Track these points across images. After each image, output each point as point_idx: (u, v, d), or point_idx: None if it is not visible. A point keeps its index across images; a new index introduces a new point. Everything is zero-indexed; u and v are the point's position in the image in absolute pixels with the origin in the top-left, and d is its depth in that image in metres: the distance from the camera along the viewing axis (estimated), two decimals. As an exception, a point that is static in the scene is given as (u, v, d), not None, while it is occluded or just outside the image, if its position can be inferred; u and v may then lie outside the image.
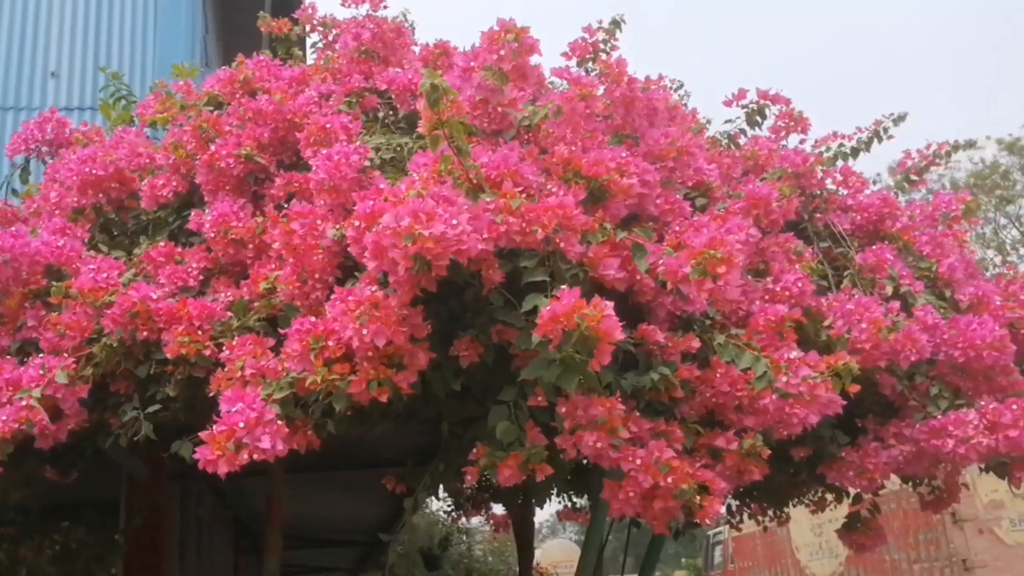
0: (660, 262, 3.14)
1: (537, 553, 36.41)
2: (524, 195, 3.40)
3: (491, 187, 3.32)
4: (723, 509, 8.39)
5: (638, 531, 7.76)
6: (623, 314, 3.60)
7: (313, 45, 5.47)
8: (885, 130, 7.06)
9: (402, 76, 4.26)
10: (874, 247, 4.73)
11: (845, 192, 5.25)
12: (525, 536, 7.36)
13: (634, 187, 3.49)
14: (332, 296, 3.16)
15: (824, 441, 4.22)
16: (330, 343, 3.05)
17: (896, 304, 4.25)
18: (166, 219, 4.33)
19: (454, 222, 2.82)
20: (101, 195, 4.34)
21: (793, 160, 4.97)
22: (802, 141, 5.71)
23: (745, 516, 7.91)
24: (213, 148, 4.01)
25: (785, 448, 4.24)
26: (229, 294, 3.74)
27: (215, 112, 4.38)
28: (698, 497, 3.00)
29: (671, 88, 6.16)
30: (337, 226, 3.42)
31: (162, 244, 3.96)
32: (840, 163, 7.26)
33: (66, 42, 9.09)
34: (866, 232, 4.97)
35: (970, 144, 7.02)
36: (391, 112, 4.40)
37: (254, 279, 3.59)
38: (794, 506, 7.64)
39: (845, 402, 3.88)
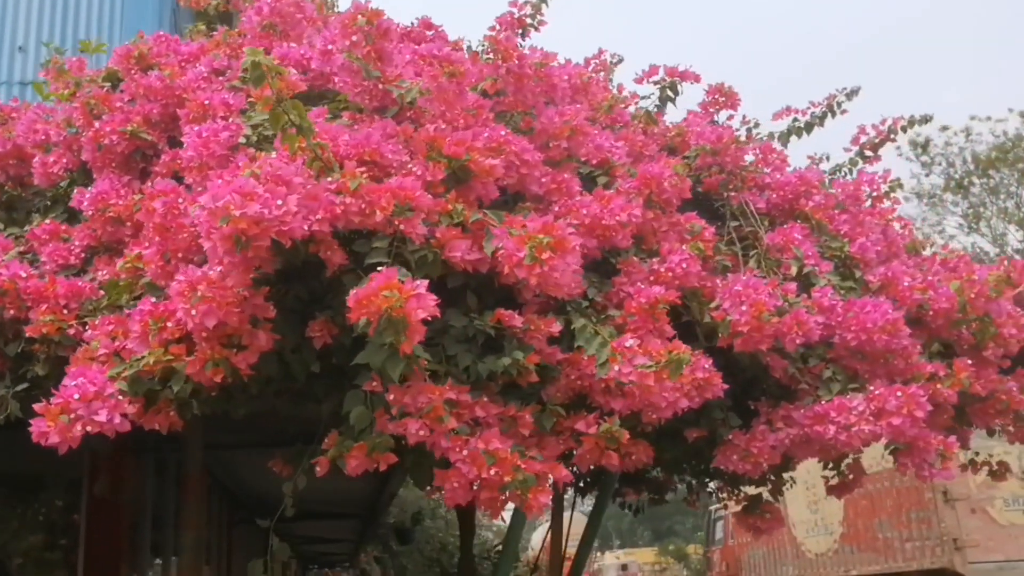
0: (500, 246, 3.10)
1: (545, 526, 36.63)
2: (386, 175, 3.38)
3: (351, 166, 3.30)
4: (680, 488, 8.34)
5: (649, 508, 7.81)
6: (497, 297, 3.60)
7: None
8: (839, 104, 6.96)
9: (295, 51, 4.22)
10: (785, 226, 4.66)
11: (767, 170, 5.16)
12: (465, 515, 7.36)
13: (496, 168, 3.44)
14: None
15: (717, 423, 4.19)
16: (169, 324, 3.05)
17: (793, 285, 4.19)
18: (65, 196, 4.33)
19: (278, 202, 2.80)
20: (1, 172, 4.35)
21: (708, 137, 4.89)
22: (730, 117, 5.63)
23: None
24: (98, 125, 4.00)
25: (680, 429, 4.23)
26: (106, 272, 3.74)
27: (111, 88, 4.37)
28: (524, 490, 2.97)
29: (612, 63, 6.09)
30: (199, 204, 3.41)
31: (47, 222, 3.96)
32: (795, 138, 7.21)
33: (34, 16, 9.10)
34: (783, 211, 4.88)
35: (925, 119, 6.86)
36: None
37: (125, 258, 3.59)
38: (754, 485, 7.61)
39: (727, 386, 3.85)
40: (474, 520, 7.60)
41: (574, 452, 3.54)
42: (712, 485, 8.57)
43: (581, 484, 8.58)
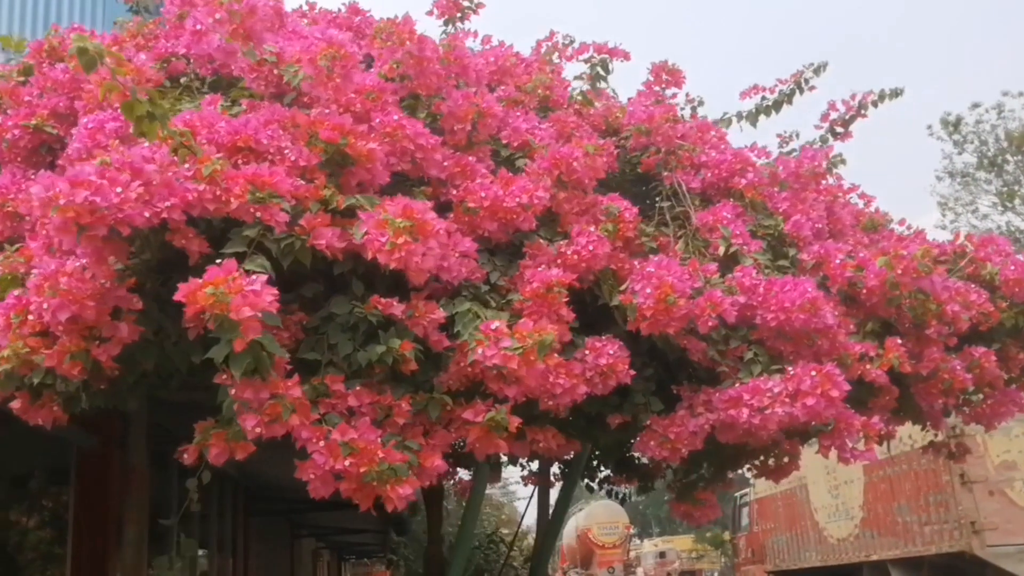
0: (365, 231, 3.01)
1: (580, 514, 36.44)
2: (262, 161, 3.31)
3: (210, 152, 3.23)
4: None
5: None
6: (388, 283, 3.52)
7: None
8: (806, 81, 6.79)
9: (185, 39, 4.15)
10: (718, 204, 4.52)
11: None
12: (431, 502, 7.28)
13: (375, 152, 3.35)
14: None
15: (638, 409, 4.07)
16: (30, 317, 3.00)
17: (714, 266, 4.06)
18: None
19: (117, 190, 2.73)
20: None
21: (639, 116, 4.76)
22: (674, 95, 5.48)
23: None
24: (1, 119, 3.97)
25: (603, 415, 4.13)
26: None
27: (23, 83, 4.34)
28: (383, 481, 2.89)
29: (564, 44, 5.96)
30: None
31: (-48, 217, 3.94)
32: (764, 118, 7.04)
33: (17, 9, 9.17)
34: (718, 190, 4.74)
35: (896, 93, 6.66)
36: (197, 78, 4.31)
37: (5, 252, 3.55)
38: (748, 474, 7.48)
39: (634, 372, 3.74)
40: (440, 507, 7.51)
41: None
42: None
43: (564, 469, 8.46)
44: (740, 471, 6.46)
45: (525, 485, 11.02)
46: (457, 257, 3.50)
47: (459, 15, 5.40)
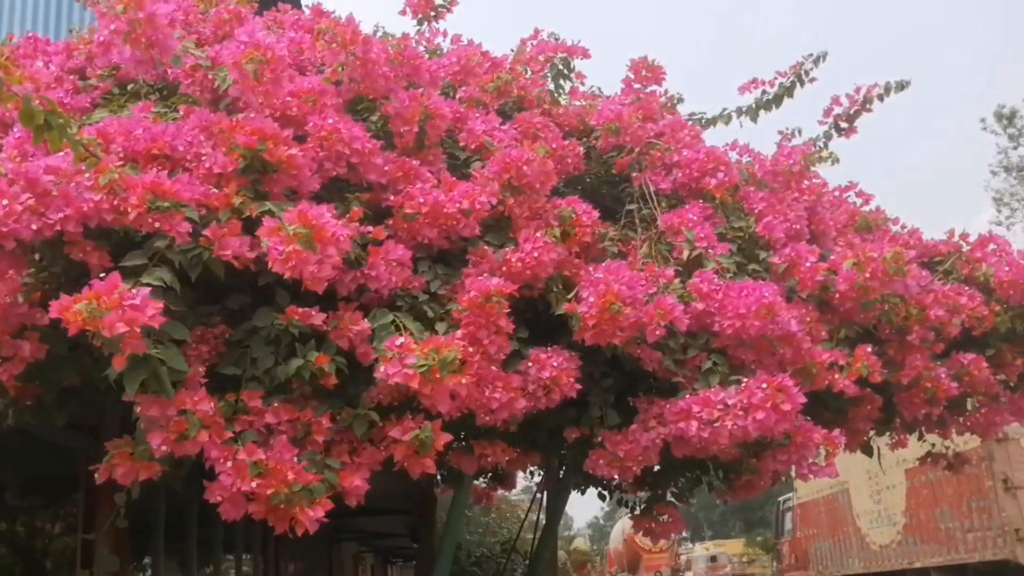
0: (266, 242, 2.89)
1: (627, 518, 36.15)
2: (178, 169, 3.22)
3: (110, 160, 3.14)
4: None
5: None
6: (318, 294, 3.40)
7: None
8: (806, 72, 6.55)
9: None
10: (686, 206, 4.33)
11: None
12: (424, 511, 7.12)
13: (295, 158, 3.23)
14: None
15: (595, 421, 3.90)
16: (-68, 334, 2.94)
17: (670, 271, 3.88)
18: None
19: (4, 202, 2.65)
20: None
21: (607, 115, 4.58)
22: (653, 93, 5.28)
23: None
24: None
25: (560, 429, 3.97)
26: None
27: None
28: (291, 504, 2.76)
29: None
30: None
31: None
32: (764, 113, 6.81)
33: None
34: (690, 191, 4.54)
35: (902, 86, 6.38)
36: (145, 84, 4.23)
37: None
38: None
39: (580, 386, 3.59)
40: (431, 518, 7.34)
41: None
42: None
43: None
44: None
45: (538, 492, 10.87)
46: (388, 265, 3.37)
47: (432, 14, 5.28)
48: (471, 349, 3.32)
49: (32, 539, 10.38)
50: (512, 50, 4.95)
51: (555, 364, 3.54)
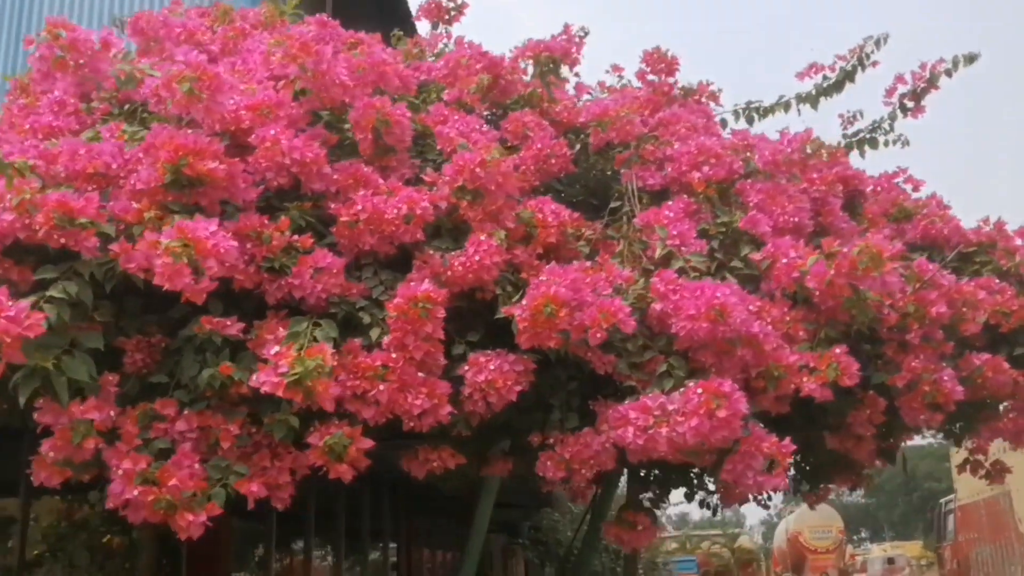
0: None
1: (791, 517, 34.94)
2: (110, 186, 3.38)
3: (82, 180, 3.32)
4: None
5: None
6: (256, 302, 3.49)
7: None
8: (867, 55, 6.21)
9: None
10: (670, 202, 4.17)
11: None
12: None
13: (215, 172, 3.32)
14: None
15: (554, 425, 3.82)
16: None
17: (628, 272, 3.76)
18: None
19: (-88, 226, 2.86)
20: None
21: (594, 111, 4.47)
22: (667, 85, 5.10)
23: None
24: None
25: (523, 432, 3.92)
26: None
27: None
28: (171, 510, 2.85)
29: (580, 37, 5.70)
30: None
31: None
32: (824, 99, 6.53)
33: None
34: (680, 185, 4.36)
35: (971, 59, 5.91)
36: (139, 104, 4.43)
37: None
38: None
39: (520, 388, 3.52)
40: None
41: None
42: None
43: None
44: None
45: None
46: (315, 273, 3.42)
47: (447, 17, 5.30)
48: (394, 355, 3.34)
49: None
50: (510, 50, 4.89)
51: (492, 367, 3.49)
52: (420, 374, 3.38)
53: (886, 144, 6.32)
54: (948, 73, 6.07)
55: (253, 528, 11.77)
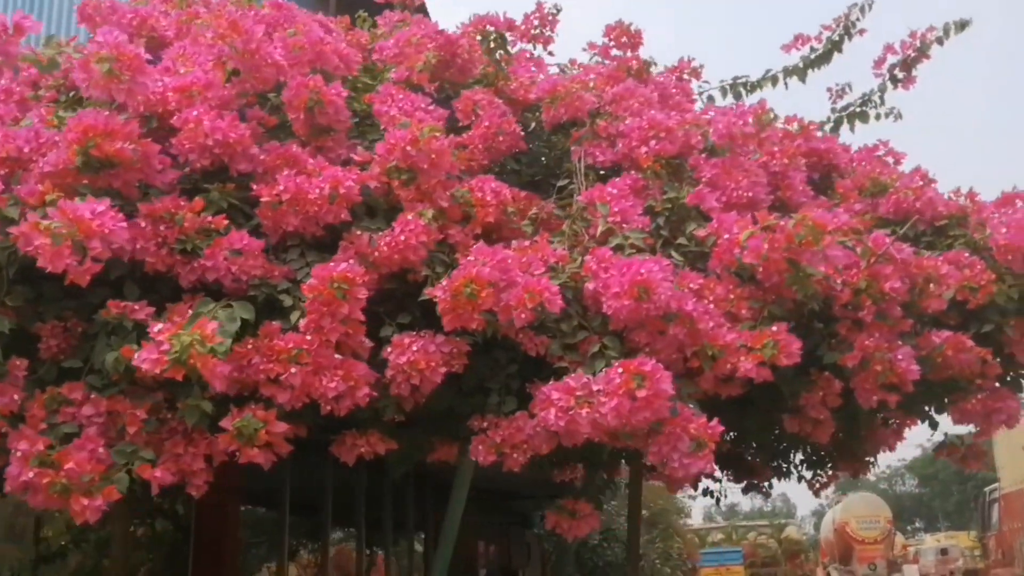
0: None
1: (837, 507, 34.37)
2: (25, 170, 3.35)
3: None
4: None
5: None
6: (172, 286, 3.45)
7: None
8: (853, 24, 6.02)
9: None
10: (617, 180, 4.05)
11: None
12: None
13: (123, 153, 3.27)
14: None
15: (492, 408, 3.72)
16: None
17: (563, 251, 3.65)
18: None
19: None
20: None
21: (543, 88, 4.35)
22: (633, 59, 4.95)
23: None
24: None
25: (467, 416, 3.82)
26: None
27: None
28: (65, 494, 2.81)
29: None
30: None
31: None
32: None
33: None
34: (631, 161, 4.22)
35: (962, 26, 5.68)
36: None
37: None
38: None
39: (444, 370, 3.42)
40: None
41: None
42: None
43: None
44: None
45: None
46: (230, 255, 3.35)
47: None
48: (309, 337, 3.27)
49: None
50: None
51: (415, 349, 3.40)
52: (339, 356, 3.30)
53: (877, 118, 6.13)
54: (939, 41, 5.85)
55: (298, 520, 11.87)
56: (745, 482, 7.80)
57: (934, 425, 4.51)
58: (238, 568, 8.66)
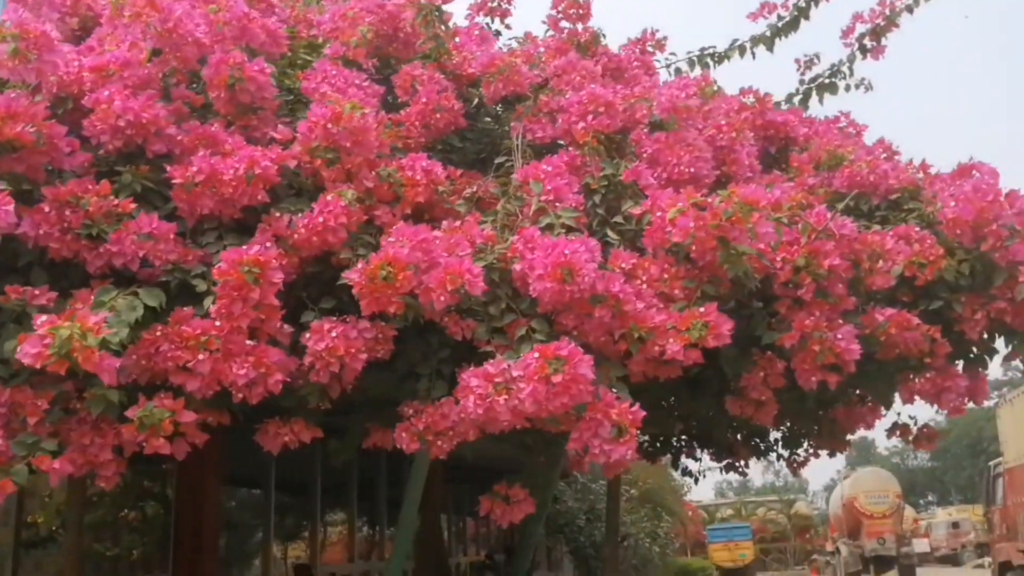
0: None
1: (846, 482, 34.30)
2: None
3: None
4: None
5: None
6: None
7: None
8: (816, -12, 5.86)
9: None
10: (553, 157, 3.92)
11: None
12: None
13: (24, 136, 3.16)
14: None
15: (421, 394, 3.62)
16: None
17: (489, 231, 3.53)
18: None
19: None
20: None
21: (482, 62, 4.22)
22: (585, 30, 4.81)
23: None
24: None
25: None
26: None
27: None
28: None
29: None
30: None
31: None
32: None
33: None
34: (572, 138, 4.09)
35: (930, -9, 5.52)
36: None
37: None
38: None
39: (365, 355, 3.33)
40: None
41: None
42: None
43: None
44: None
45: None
46: (141, 239, 3.25)
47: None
48: (218, 324, 3.17)
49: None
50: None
51: (334, 334, 3.30)
52: (252, 343, 3.21)
53: (847, 89, 5.97)
54: (909, 9, 5.69)
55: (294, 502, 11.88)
56: (725, 461, 7.73)
57: (888, 405, 4.37)
58: (218, 549, 8.62)
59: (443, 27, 4.44)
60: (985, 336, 3.99)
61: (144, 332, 3.15)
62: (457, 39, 4.70)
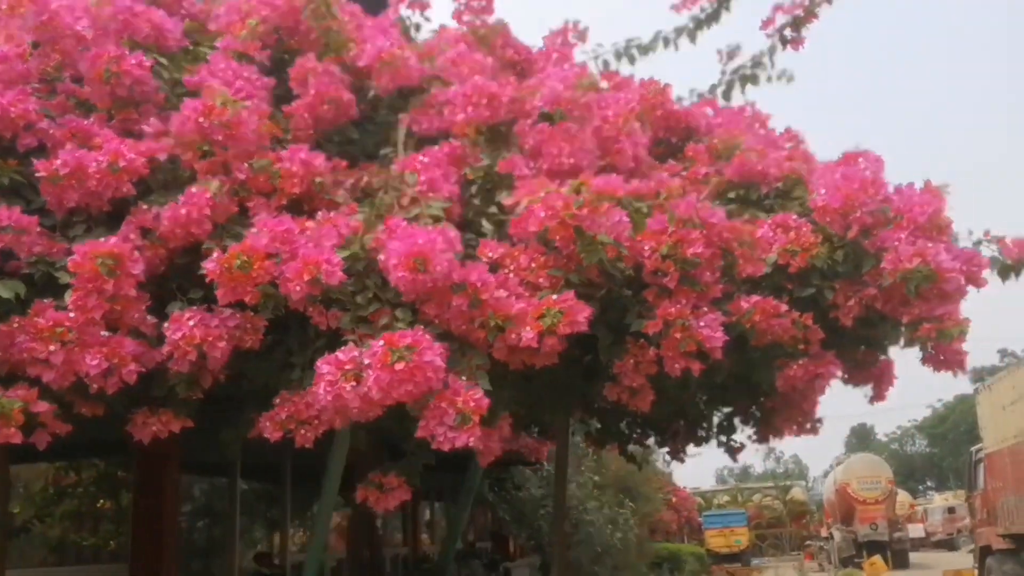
0: None
1: (839, 468, 34.30)
2: None
3: None
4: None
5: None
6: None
7: None
8: (739, -20, 5.88)
9: None
10: (434, 148, 3.97)
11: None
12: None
13: None
14: None
15: (294, 384, 3.67)
16: None
17: (357, 221, 3.58)
18: None
19: None
20: None
21: (370, 54, 4.25)
22: (483, 24, 4.84)
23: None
24: None
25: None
26: None
27: None
28: None
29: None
30: None
31: None
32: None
33: None
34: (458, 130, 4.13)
35: (844, -17, 5.53)
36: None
37: None
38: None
39: (220, 345, 3.37)
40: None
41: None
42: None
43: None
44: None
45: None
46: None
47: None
48: (72, 315, 3.22)
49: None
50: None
51: (192, 324, 3.35)
52: (106, 334, 3.26)
53: (768, 80, 5.99)
54: (828, 0, 5.70)
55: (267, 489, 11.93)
56: (668, 447, 7.78)
57: (773, 392, 4.40)
58: (176, 536, 8.69)
59: (334, 19, 4.47)
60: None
61: (1, 324, 3.21)
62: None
